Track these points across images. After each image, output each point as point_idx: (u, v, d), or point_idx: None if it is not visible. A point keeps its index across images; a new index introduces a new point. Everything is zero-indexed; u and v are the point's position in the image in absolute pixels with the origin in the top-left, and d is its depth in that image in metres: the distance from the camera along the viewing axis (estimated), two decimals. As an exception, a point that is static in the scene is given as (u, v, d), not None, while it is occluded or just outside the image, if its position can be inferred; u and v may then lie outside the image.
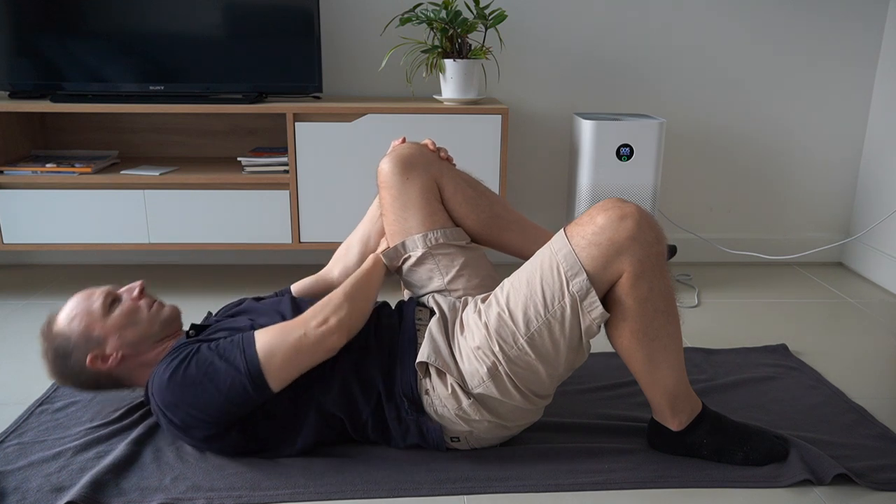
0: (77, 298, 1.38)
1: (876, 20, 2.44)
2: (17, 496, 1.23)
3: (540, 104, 2.49)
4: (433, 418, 1.30)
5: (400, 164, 1.45)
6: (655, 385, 1.30)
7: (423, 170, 1.46)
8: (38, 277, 2.42)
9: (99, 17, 2.14)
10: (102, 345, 1.34)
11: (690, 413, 1.33)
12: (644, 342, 1.24)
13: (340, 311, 1.27)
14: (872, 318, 2.13)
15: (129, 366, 1.37)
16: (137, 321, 1.36)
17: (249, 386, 1.22)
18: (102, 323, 1.34)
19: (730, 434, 1.33)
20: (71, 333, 1.34)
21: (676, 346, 1.28)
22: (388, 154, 1.48)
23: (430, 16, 2.10)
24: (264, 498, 1.23)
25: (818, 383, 1.67)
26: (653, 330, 1.24)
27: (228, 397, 1.23)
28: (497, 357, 1.25)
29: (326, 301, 1.29)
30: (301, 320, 1.26)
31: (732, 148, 2.56)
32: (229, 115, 2.43)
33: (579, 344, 1.26)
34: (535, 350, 1.24)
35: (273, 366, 1.23)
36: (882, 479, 1.29)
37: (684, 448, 1.35)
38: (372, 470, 1.30)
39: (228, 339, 1.27)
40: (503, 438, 1.37)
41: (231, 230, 2.16)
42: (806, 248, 2.64)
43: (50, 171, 2.10)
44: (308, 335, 1.24)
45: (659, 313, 1.23)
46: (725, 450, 1.33)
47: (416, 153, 1.47)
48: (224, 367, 1.22)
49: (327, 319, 1.25)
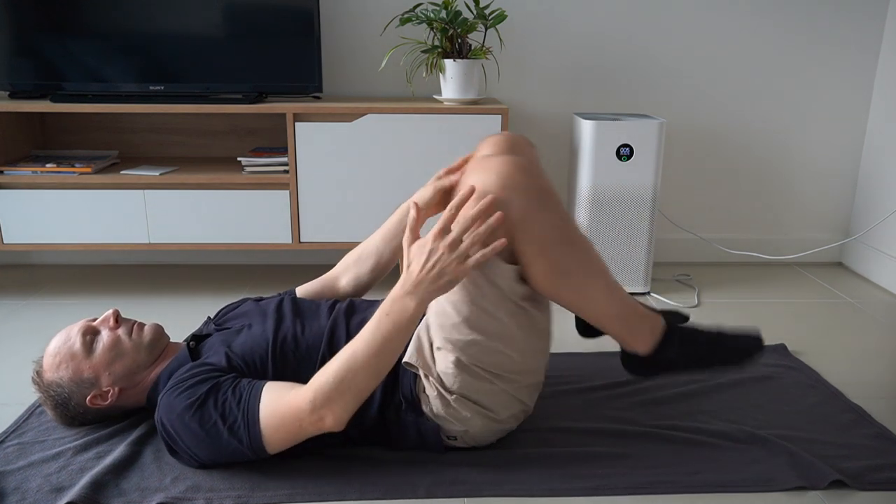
0: (56, 342, 1.37)
1: (876, 20, 2.44)
2: (16, 496, 1.23)
3: (540, 104, 2.49)
4: (430, 418, 1.31)
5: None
6: (600, 315, 1.28)
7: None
8: (38, 277, 2.42)
9: (99, 17, 2.14)
10: (96, 384, 1.35)
11: (652, 332, 1.31)
12: (560, 279, 1.23)
13: (335, 405, 1.18)
14: (872, 318, 2.13)
15: (131, 395, 1.39)
16: (122, 352, 1.36)
17: (250, 454, 1.24)
18: (89, 363, 1.35)
19: (700, 343, 1.31)
20: (61, 380, 1.35)
21: (596, 271, 1.26)
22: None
23: (430, 16, 2.10)
24: (264, 498, 1.23)
25: (817, 383, 1.68)
26: (562, 265, 1.22)
27: (229, 457, 1.26)
28: (453, 349, 1.24)
29: (322, 386, 1.18)
30: (297, 410, 1.19)
31: (732, 148, 2.56)
32: (229, 115, 2.43)
33: (518, 308, 1.24)
34: (479, 330, 1.22)
35: (274, 443, 1.23)
36: (880, 479, 1.29)
37: (658, 368, 1.33)
38: (370, 471, 1.31)
39: (234, 402, 1.22)
40: (499, 433, 1.37)
41: (231, 230, 2.16)
42: (806, 248, 2.64)
43: (50, 171, 2.10)
44: (304, 428, 1.20)
45: (558, 246, 1.21)
46: (700, 359, 1.31)
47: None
48: (227, 435, 1.22)
49: (322, 418, 1.19)
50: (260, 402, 1.22)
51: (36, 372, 1.38)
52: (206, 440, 1.23)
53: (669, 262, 2.64)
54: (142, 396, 1.40)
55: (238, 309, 1.50)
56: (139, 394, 1.39)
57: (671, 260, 2.64)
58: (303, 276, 2.41)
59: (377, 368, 1.19)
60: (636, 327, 1.31)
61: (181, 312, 2.12)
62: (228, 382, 1.25)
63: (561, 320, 2.07)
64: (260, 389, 1.23)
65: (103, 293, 2.28)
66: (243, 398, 1.23)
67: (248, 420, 1.21)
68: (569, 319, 2.08)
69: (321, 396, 1.18)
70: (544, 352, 1.33)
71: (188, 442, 1.25)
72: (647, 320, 1.32)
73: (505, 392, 1.29)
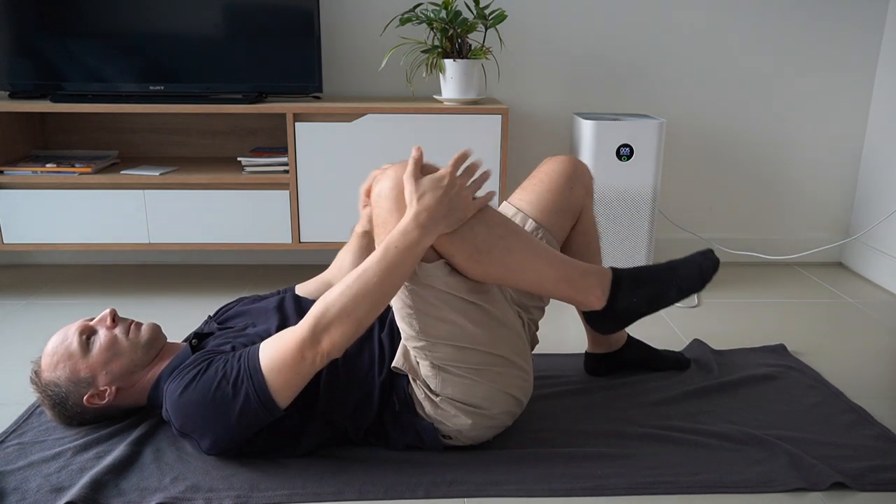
0: (54, 342, 1.37)
1: (876, 20, 2.44)
2: (16, 496, 1.23)
3: (540, 104, 2.49)
4: (425, 419, 1.31)
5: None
6: (541, 283, 1.28)
7: None
8: (38, 277, 2.42)
9: (99, 17, 2.14)
10: (93, 383, 1.35)
11: (601, 284, 1.31)
12: (483, 256, 1.23)
13: (335, 330, 1.17)
14: (872, 318, 2.13)
15: (129, 394, 1.39)
16: (119, 352, 1.36)
17: (260, 411, 1.22)
18: (85, 362, 1.34)
19: (652, 280, 1.31)
20: (59, 380, 1.35)
21: (520, 242, 1.26)
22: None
23: (430, 16, 2.10)
24: (263, 499, 1.23)
25: (817, 383, 1.67)
26: (480, 243, 1.22)
27: (240, 421, 1.23)
28: (424, 356, 1.26)
29: (324, 313, 1.18)
30: (298, 341, 1.18)
31: (732, 148, 2.56)
32: (229, 115, 2.43)
33: (465, 304, 1.24)
34: (435, 336, 1.24)
35: (279, 386, 1.21)
36: (881, 480, 1.29)
37: (620, 318, 1.33)
38: (369, 472, 1.30)
39: (234, 360, 1.23)
40: (495, 430, 1.37)
41: (231, 230, 2.16)
42: (806, 248, 2.64)
43: (50, 171, 2.10)
44: (305, 357, 1.19)
45: (472, 228, 1.22)
46: (657, 296, 1.31)
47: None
48: (231, 394, 1.21)
49: (321, 342, 1.18)
50: (259, 352, 1.22)
51: (34, 372, 1.38)
52: (212, 407, 1.21)
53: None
54: (141, 396, 1.40)
55: (238, 307, 1.50)
56: (138, 393, 1.39)
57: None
58: (302, 276, 2.41)
59: (380, 299, 1.18)
60: (582, 284, 1.30)
61: (181, 312, 2.12)
62: (227, 354, 1.27)
63: (561, 321, 2.07)
64: (258, 346, 1.24)
65: (103, 293, 2.28)
66: (242, 356, 1.23)
67: (251, 370, 1.20)
68: (567, 320, 2.08)
69: (323, 322, 1.17)
70: (510, 339, 1.31)
71: (199, 420, 1.23)
72: (592, 274, 1.31)
73: (490, 387, 1.29)
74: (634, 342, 1.72)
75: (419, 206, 1.18)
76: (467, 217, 1.21)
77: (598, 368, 1.71)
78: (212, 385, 1.21)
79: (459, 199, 1.20)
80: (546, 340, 1.92)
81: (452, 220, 1.20)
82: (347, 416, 1.32)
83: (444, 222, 1.19)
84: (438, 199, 1.18)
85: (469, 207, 1.21)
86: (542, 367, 1.75)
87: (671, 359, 1.74)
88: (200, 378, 1.23)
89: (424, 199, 1.18)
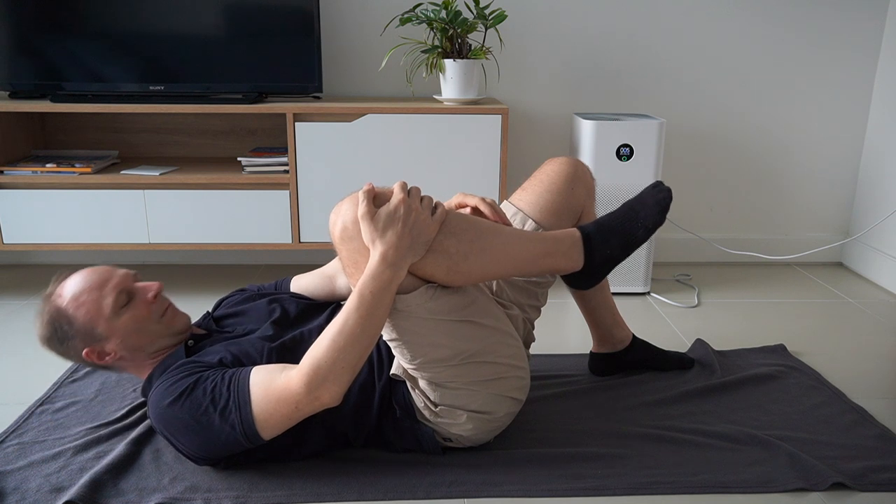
0: (90, 280, 1.30)
1: (876, 20, 2.44)
2: (16, 496, 1.23)
3: (540, 104, 2.49)
4: (425, 425, 1.31)
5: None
6: (524, 266, 1.28)
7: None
8: (38, 277, 2.42)
9: (99, 17, 2.14)
10: (103, 342, 1.30)
11: (575, 246, 1.31)
12: (464, 267, 1.21)
13: (331, 384, 1.16)
14: (872, 318, 2.13)
15: (124, 365, 1.35)
16: (145, 330, 1.32)
17: (244, 441, 1.21)
18: (109, 323, 1.29)
19: (619, 227, 1.32)
20: (74, 321, 1.28)
21: (487, 237, 1.23)
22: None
23: (430, 16, 2.10)
24: (262, 499, 1.23)
25: (818, 383, 1.67)
26: (456, 255, 1.20)
27: (222, 445, 1.22)
28: (417, 374, 1.26)
29: (315, 368, 1.16)
30: (293, 395, 1.17)
31: (732, 148, 2.56)
32: (229, 115, 2.43)
33: (453, 324, 1.23)
34: (434, 361, 1.23)
35: (268, 428, 1.20)
36: (882, 480, 1.29)
37: (599, 271, 1.33)
38: (369, 473, 1.30)
39: (223, 385, 1.21)
40: (495, 431, 1.37)
41: (231, 230, 2.16)
42: (806, 248, 2.64)
43: (50, 171, 2.10)
44: (301, 409, 1.18)
45: (438, 243, 1.19)
46: (628, 240, 1.31)
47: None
48: (218, 421, 1.19)
49: (319, 397, 1.17)
50: (249, 385, 1.20)
51: (55, 293, 1.30)
52: (196, 429, 1.20)
53: (669, 262, 2.63)
54: (131, 371, 1.36)
55: (237, 304, 1.49)
56: (130, 368, 1.35)
57: (671, 260, 2.64)
58: (303, 277, 2.41)
59: (367, 342, 1.17)
60: (559, 252, 1.30)
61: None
62: (217, 372, 1.24)
63: (561, 321, 2.07)
64: (248, 373, 1.22)
65: (103, 293, 2.28)
66: (232, 382, 1.21)
67: (240, 402, 1.19)
68: (567, 320, 2.08)
69: (316, 378, 1.15)
70: (503, 345, 1.31)
71: (180, 434, 1.22)
72: (565, 239, 1.31)
73: (489, 394, 1.29)
74: (639, 342, 1.72)
75: (383, 245, 1.14)
76: (432, 238, 1.18)
77: (603, 368, 1.71)
78: (198, 408, 1.19)
79: (420, 224, 1.16)
80: (546, 340, 1.91)
81: (419, 248, 1.17)
82: (348, 422, 1.32)
83: (412, 253, 1.16)
84: (400, 233, 1.14)
85: (431, 228, 1.17)
86: (542, 367, 1.75)
87: (675, 359, 1.74)
88: (188, 397, 1.20)
89: (387, 237, 1.14)
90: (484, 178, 2.16)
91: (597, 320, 1.67)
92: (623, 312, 2.12)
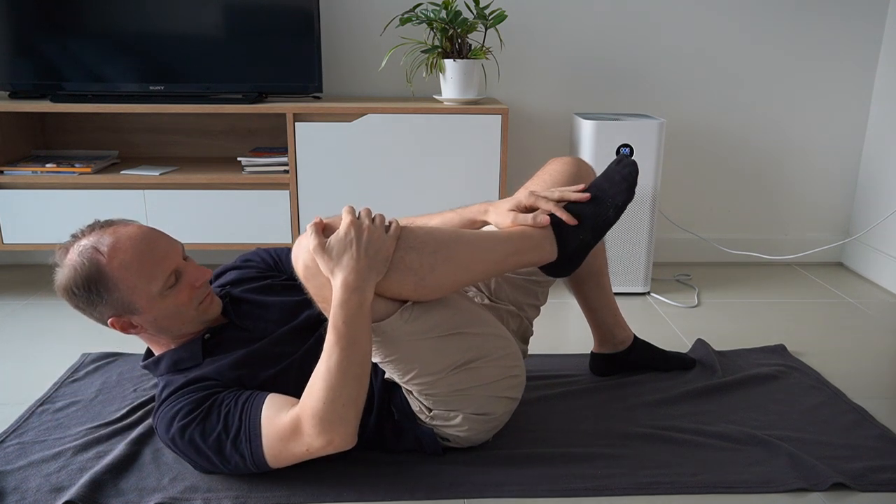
0: (144, 250, 1.22)
1: (876, 20, 2.44)
2: (16, 496, 1.23)
3: (540, 104, 2.49)
4: (424, 426, 1.31)
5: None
6: (498, 265, 1.25)
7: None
8: (38, 277, 2.42)
9: (99, 17, 2.14)
10: (133, 314, 1.23)
11: (547, 237, 1.27)
12: (430, 280, 1.17)
13: (339, 426, 1.15)
14: (872, 318, 2.13)
15: (143, 337, 1.31)
16: (180, 315, 1.27)
17: (253, 469, 1.23)
18: (149, 301, 1.22)
19: (589, 210, 1.28)
20: (114, 289, 1.20)
21: (449, 245, 1.20)
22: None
23: (430, 16, 2.10)
24: (261, 500, 1.23)
25: (818, 384, 1.67)
26: (420, 269, 1.16)
27: (229, 468, 1.24)
28: (410, 387, 1.26)
29: (320, 414, 1.15)
30: (304, 444, 1.17)
31: (732, 148, 2.56)
32: (229, 115, 2.43)
33: (436, 340, 1.21)
34: (422, 377, 1.23)
35: (278, 463, 1.21)
36: (882, 480, 1.29)
37: (574, 258, 1.30)
38: (369, 473, 1.31)
39: (236, 411, 1.20)
40: (494, 430, 1.37)
41: (231, 230, 2.16)
42: (806, 248, 2.64)
43: (50, 171, 2.10)
44: (313, 453, 1.18)
45: (398, 260, 1.16)
46: (600, 223, 1.28)
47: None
48: (230, 448, 1.20)
49: (331, 441, 1.16)
50: (261, 419, 1.19)
51: (98, 247, 1.20)
52: (206, 454, 1.21)
53: (669, 262, 2.63)
54: (151, 345, 1.33)
55: (259, 295, 1.41)
56: (151, 342, 1.32)
57: (671, 260, 2.64)
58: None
59: (361, 371, 1.16)
60: (530, 248, 1.26)
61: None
62: (231, 396, 1.23)
63: (561, 321, 2.07)
64: (261, 404, 1.20)
65: (103, 293, 2.27)
66: (244, 411, 1.20)
67: (251, 435, 1.19)
68: (567, 320, 2.08)
69: (322, 423, 1.15)
70: (495, 347, 1.29)
71: (190, 453, 1.23)
72: (534, 234, 1.27)
73: (484, 396, 1.29)
74: (640, 343, 1.72)
75: (342, 271, 1.12)
76: (391, 254, 1.14)
77: (604, 368, 1.71)
78: (211, 433, 1.19)
79: (375, 242, 1.13)
80: (546, 340, 1.91)
81: (379, 265, 1.13)
82: None
83: (374, 272, 1.13)
84: (356, 256, 1.11)
85: (387, 244, 1.14)
86: (542, 367, 1.75)
87: (676, 359, 1.74)
88: (201, 421, 1.20)
89: (343, 262, 1.12)
90: (484, 178, 2.16)
91: (598, 321, 1.67)
92: (623, 312, 2.11)
